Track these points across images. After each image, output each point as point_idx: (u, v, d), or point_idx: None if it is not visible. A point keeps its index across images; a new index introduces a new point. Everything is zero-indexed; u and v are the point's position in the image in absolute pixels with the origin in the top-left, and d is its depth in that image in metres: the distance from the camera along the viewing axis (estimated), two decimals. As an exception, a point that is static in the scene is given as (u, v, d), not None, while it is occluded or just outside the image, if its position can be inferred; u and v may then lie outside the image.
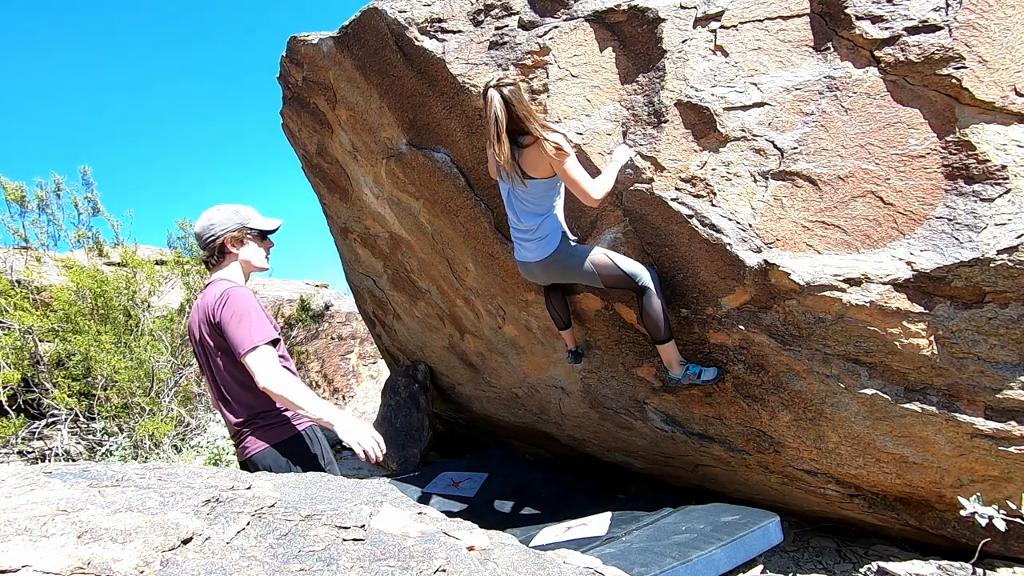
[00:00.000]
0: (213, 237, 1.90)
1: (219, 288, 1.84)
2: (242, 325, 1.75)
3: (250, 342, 1.73)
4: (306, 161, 4.72)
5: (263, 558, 1.03)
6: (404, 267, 4.45)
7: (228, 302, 1.79)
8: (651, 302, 2.51)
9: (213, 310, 1.81)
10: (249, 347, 1.73)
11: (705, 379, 2.64)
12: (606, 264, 2.52)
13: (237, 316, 1.76)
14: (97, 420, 4.54)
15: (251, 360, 1.72)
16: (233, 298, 1.79)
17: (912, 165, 2.11)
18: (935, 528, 2.62)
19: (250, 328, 1.75)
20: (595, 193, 2.32)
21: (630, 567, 2.22)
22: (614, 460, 4.17)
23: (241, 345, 1.73)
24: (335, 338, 8.90)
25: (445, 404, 5.67)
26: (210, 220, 1.91)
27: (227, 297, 1.80)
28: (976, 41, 2.02)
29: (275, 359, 1.77)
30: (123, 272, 5.29)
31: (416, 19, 2.83)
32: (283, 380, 1.71)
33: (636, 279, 2.50)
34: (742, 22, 2.33)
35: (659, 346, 2.63)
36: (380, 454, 1.71)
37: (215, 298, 1.82)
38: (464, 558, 1.25)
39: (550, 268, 2.60)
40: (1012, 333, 2.05)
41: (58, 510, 0.99)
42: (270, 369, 1.72)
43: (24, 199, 5.74)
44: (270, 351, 1.76)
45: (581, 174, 2.32)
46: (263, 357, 1.73)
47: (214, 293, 1.84)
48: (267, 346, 1.76)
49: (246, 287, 1.89)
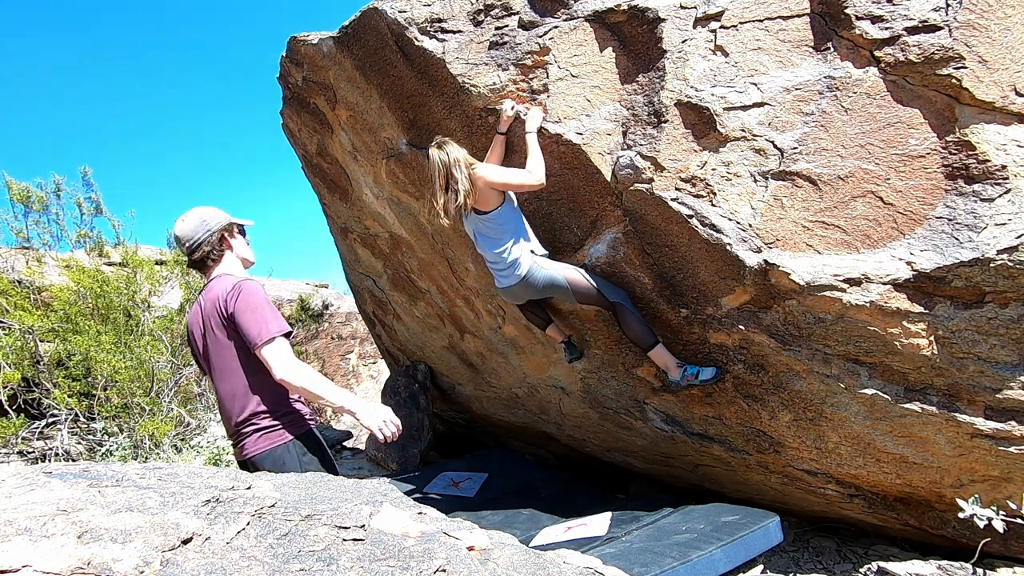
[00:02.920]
0: (210, 232, 1.90)
1: (229, 282, 1.84)
2: (257, 316, 1.74)
3: (267, 333, 1.73)
4: (306, 161, 4.72)
5: (263, 558, 1.03)
6: (404, 267, 4.45)
7: (242, 294, 1.78)
8: (627, 314, 2.65)
9: (225, 302, 1.79)
10: (267, 338, 1.72)
11: (704, 379, 2.66)
12: (583, 283, 2.67)
13: (251, 308, 1.75)
14: (97, 420, 4.54)
15: (267, 351, 1.72)
16: (247, 290, 1.79)
17: (912, 165, 2.11)
18: (935, 528, 2.62)
19: (266, 319, 1.75)
20: (532, 178, 2.51)
21: (630, 567, 2.22)
22: (614, 460, 4.17)
23: (258, 336, 1.72)
24: (335, 338, 8.90)
25: (445, 404, 5.67)
26: (202, 218, 1.92)
27: (240, 289, 1.79)
28: (976, 41, 2.01)
29: (291, 351, 1.76)
30: (123, 272, 5.30)
31: (416, 19, 2.83)
32: (301, 370, 1.71)
33: (608, 296, 2.66)
34: (742, 22, 2.33)
35: (650, 354, 2.70)
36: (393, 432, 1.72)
37: (226, 291, 1.81)
38: (464, 558, 1.25)
39: (528, 288, 2.72)
40: (1012, 333, 2.05)
41: (58, 510, 0.99)
42: (287, 360, 1.71)
43: (29, 199, 5.75)
44: (286, 343, 1.76)
45: (509, 173, 2.54)
46: (280, 348, 1.73)
47: (224, 286, 1.83)
48: (283, 338, 1.75)
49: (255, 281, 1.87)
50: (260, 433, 1.83)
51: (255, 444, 1.83)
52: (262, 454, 1.82)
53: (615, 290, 2.70)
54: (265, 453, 1.81)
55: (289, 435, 1.86)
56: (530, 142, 2.57)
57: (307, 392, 1.71)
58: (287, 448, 1.84)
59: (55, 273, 5.49)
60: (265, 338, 1.72)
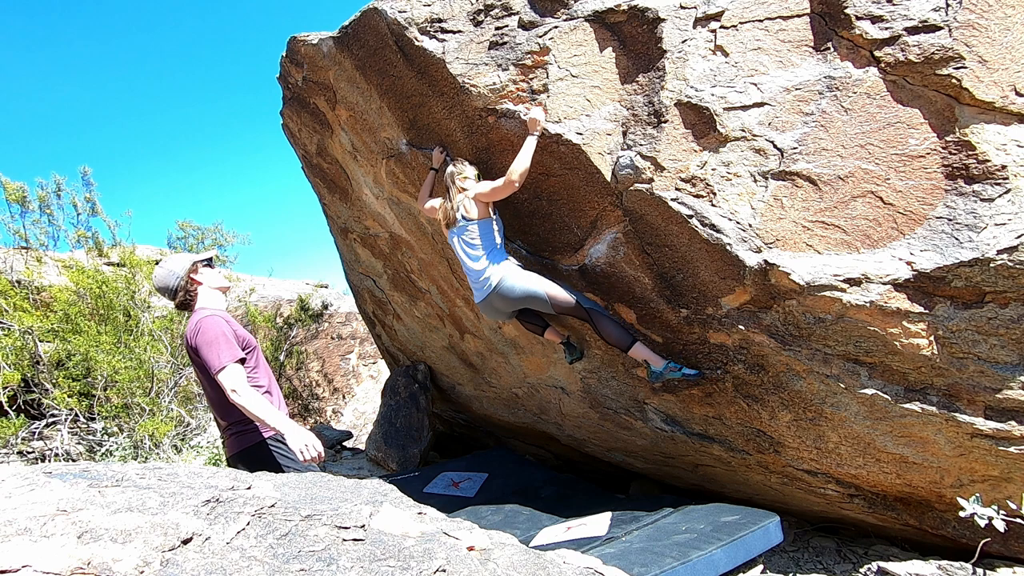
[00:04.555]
0: (179, 279, 2.27)
1: (196, 318, 2.20)
2: (211, 349, 2.08)
3: (219, 363, 2.05)
4: (306, 161, 4.72)
5: (263, 558, 1.02)
6: (404, 267, 4.45)
7: (200, 330, 2.12)
8: (601, 319, 2.78)
9: (189, 337, 2.16)
10: (219, 367, 2.05)
11: (687, 374, 2.75)
12: (560, 294, 2.78)
13: (207, 342, 2.09)
14: (97, 420, 4.54)
15: (222, 378, 2.04)
16: (204, 327, 2.13)
17: (912, 165, 2.11)
18: (935, 528, 2.62)
19: (219, 352, 2.07)
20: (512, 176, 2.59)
21: (630, 567, 2.22)
22: (614, 460, 4.17)
23: (213, 366, 2.06)
24: (335, 338, 8.90)
25: (445, 404, 5.67)
26: (168, 270, 2.27)
27: (200, 327, 2.13)
28: (976, 41, 2.01)
29: (242, 377, 2.07)
30: (123, 272, 5.29)
31: (416, 19, 2.83)
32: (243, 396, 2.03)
33: (583, 304, 2.78)
34: (742, 22, 2.33)
35: (630, 352, 2.79)
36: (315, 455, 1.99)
37: (192, 327, 2.17)
38: (464, 558, 1.25)
39: (506, 298, 2.81)
40: (1012, 333, 2.05)
41: (58, 510, 0.99)
42: (235, 386, 2.04)
43: (25, 199, 5.74)
44: (236, 369, 2.07)
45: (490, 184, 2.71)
46: (231, 376, 2.04)
47: (192, 323, 2.19)
48: (234, 364, 2.07)
49: (217, 314, 2.21)
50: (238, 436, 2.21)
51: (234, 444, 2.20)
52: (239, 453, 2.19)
53: (587, 298, 2.82)
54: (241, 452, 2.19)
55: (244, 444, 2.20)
56: (528, 145, 2.61)
57: (247, 413, 2.02)
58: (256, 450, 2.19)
59: (54, 273, 5.49)
60: (217, 368, 2.05)
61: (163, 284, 2.27)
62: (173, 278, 2.26)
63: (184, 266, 2.29)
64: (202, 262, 2.36)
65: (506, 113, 2.71)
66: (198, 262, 2.34)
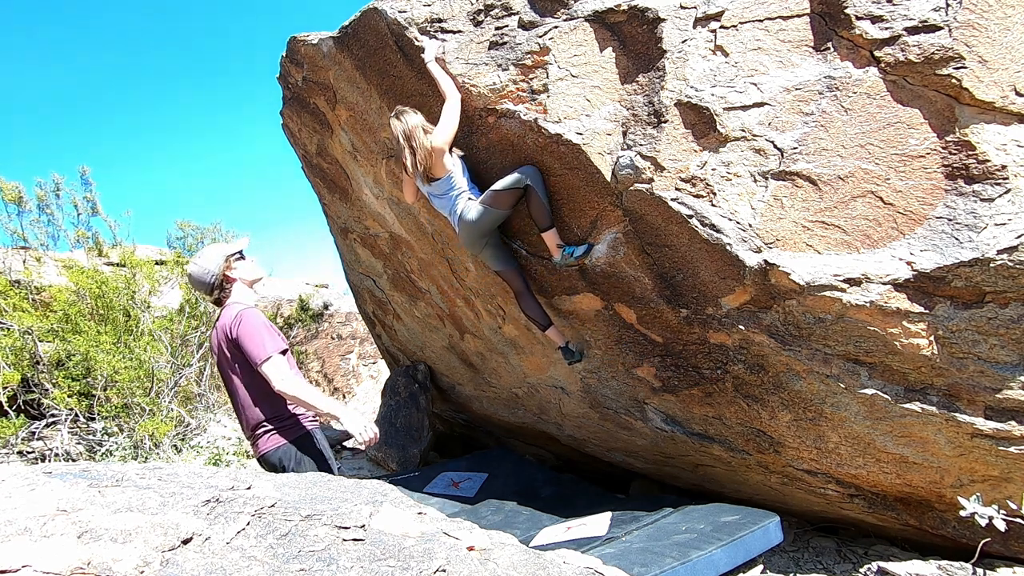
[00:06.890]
0: (213, 276, 2.26)
1: (234, 310, 2.20)
2: (255, 340, 2.08)
3: (264, 353, 2.05)
4: (306, 161, 4.72)
5: (263, 558, 1.02)
6: (404, 267, 4.45)
7: (242, 322, 2.13)
8: (534, 197, 2.77)
9: (230, 328, 2.16)
10: (264, 357, 2.04)
11: (577, 255, 2.80)
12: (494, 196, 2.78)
13: (251, 333, 2.10)
14: (97, 420, 4.54)
15: (267, 368, 2.04)
16: (246, 318, 2.14)
17: (912, 165, 2.11)
18: (935, 528, 2.62)
19: (263, 341, 2.08)
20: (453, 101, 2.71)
21: (630, 567, 2.22)
22: (614, 460, 4.17)
23: (258, 356, 2.05)
24: (335, 338, 8.90)
25: (445, 404, 5.67)
26: (203, 268, 2.26)
27: (241, 318, 2.14)
28: (976, 41, 2.01)
29: (287, 366, 2.08)
30: (122, 272, 5.29)
31: (416, 19, 2.83)
32: (294, 383, 2.03)
33: (519, 183, 2.75)
34: (742, 22, 2.33)
35: (544, 234, 2.87)
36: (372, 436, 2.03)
37: (231, 319, 2.17)
38: (464, 558, 1.25)
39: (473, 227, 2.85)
40: (1012, 333, 2.05)
41: (58, 510, 0.99)
42: (283, 375, 2.03)
43: (21, 199, 5.73)
44: (282, 359, 2.08)
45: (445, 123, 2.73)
46: (276, 365, 2.05)
47: (230, 315, 2.20)
48: (279, 355, 2.07)
49: (256, 308, 2.25)
50: (267, 435, 2.19)
51: (264, 444, 2.18)
52: (273, 450, 2.18)
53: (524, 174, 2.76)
54: (270, 452, 2.18)
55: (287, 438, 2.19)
56: (432, 70, 2.74)
57: (299, 401, 2.03)
58: (287, 449, 2.18)
59: (54, 273, 5.48)
60: (263, 358, 2.05)
61: (198, 279, 2.27)
62: (208, 275, 2.26)
63: (218, 263, 2.27)
64: (234, 256, 2.33)
65: (506, 113, 2.71)
66: (231, 256, 2.31)
